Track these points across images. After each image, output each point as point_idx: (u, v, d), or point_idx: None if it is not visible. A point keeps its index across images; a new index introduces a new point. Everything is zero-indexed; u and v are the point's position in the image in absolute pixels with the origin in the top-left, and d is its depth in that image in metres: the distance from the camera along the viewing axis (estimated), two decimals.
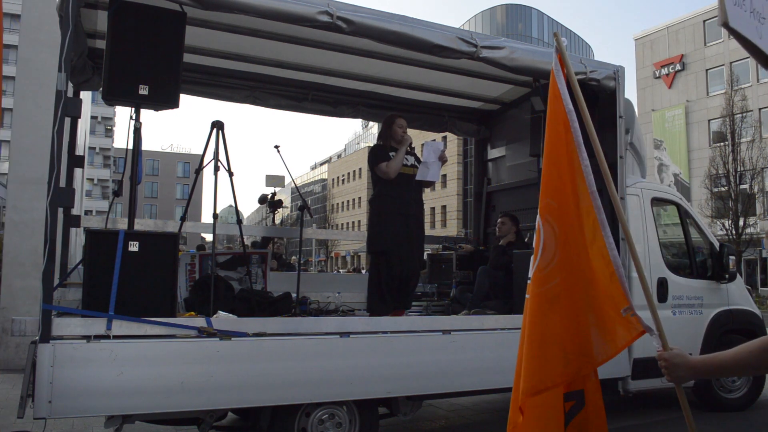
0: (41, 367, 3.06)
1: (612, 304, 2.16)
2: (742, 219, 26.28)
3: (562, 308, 2.23)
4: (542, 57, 4.68)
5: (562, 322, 2.23)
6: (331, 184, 74.65)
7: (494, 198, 7.08)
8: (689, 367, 1.83)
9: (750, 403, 5.95)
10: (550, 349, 2.21)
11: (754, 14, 1.90)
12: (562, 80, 2.31)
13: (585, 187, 2.23)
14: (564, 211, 2.26)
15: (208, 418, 3.70)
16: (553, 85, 2.33)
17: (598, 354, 2.23)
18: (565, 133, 2.28)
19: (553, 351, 2.21)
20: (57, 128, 3.23)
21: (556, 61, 2.33)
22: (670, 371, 1.86)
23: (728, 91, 29.42)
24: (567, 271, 2.24)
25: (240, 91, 5.75)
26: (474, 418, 5.78)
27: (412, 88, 6.19)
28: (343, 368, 3.81)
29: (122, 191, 4.41)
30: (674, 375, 1.85)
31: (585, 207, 2.23)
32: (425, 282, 6.47)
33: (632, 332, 2.14)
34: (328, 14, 3.77)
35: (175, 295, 3.67)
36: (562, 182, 2.28)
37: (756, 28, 1.89)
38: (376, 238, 4.88)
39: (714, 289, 5.84)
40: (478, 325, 4.44)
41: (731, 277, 5.94)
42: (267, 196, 4.59)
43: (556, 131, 2.30)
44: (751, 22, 1.89)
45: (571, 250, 2.24)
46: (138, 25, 3.76)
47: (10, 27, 25.26)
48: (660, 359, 1.90)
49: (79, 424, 5.13)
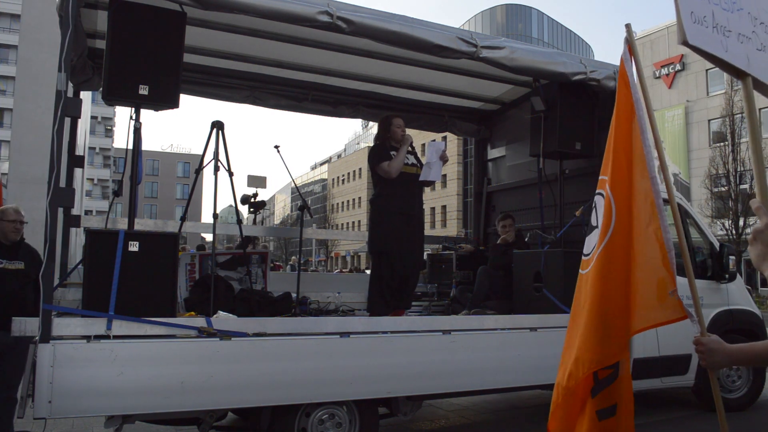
0: (41, 367, 3.06)
1: (662, 285, 2.28)
2: (742, 219, 26.27)
3: (615, 283, 2.34)
4: (542, 57, 4.68)
5: (615, 297, 2.34)
6: (331, 184, 74.65)
7: (494, 198, 7.08)
8: (726, 353, 1.86)
9: (750, 403, 5.95)
10: (612, 323, 2.33)
11: (718, 29, 1.94)
12: (632, 69, 2.43)
13: (646, 172, 2.34)
14: (620, 191, 2.38)
15: (208, 418, 3.70)
16: (622, 72, 2.45)
17: (635, 324, 2.34)
18: (631, 119, 2.40)
19: (616, 324, 2.33)
20: (57, 128, 3.23)
21: (626, 51, 2.45)
22: (707, 356, 1.89)
23: (728, 91, 29.37)
24: (621, 248, 2.35)
25: (240, 91, 5.75)
26: (474, 418, 5.78)
27: (412, 88, 6.19)
28: (343, 368, 3.81)
29: (122, 191, 4.42)
30: (710, 360, 1.89)
31: (643, 190, 2.35)
32: (425, 282, 6.47)
33: (675, 314, 2.26)
34: (328, 14, 3.77)
35: (175, 295, 3.67)
36: (621, 164, 2.40)
37: (721, 42, 1.93)
38: (378, 238, 4.88)
39: (714, 289, 5.84)
40: (478, 325, 4.44)
41: (731, 277, 5.94)
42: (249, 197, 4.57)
43: (624, 116, 2.42)
44: (715, 37, 1.93)
45: (624, 229, 2.36)
46: (138, 25, 3.76)
47: (10, 27, 25.29)
48: (697, 344, 1.93)
49: (79, 424, 5.14)
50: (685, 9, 1.93)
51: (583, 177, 5.56)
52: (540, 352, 4.37)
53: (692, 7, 1.94)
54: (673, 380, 5.42)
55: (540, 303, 4.90)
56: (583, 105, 5.23)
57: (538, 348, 4.41)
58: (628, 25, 2.48)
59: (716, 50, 1.93)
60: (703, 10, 1.97)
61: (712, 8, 1.99)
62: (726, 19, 1.99)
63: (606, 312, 2.32)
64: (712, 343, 1.88)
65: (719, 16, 1.98)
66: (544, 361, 4.34)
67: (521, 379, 4.53)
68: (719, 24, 1.96)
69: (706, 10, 1.97)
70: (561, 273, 4.79)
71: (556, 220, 5.56)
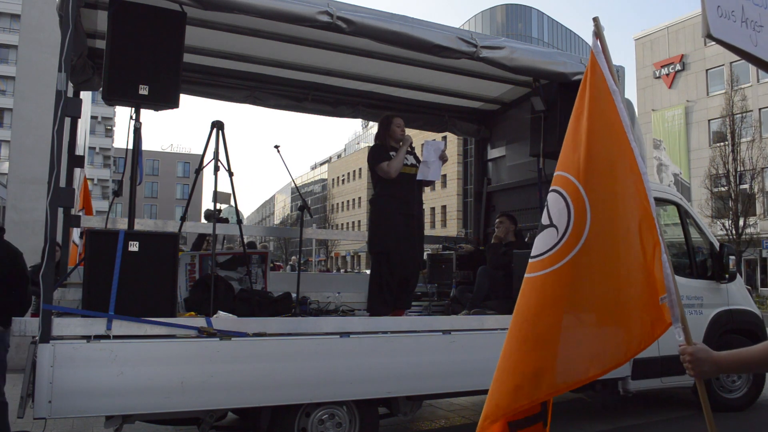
0: (41, 367, 3.06)
1: (653, 290, 2.08)
2: (742, 219, 26.27)
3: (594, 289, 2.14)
4: (542, 57, 4.69)
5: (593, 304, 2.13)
6: (331, 184, 74.64)
7: (494, 198, 7.07)
8: (713, 362, 1.80)
9: (750, 403, 5.95)
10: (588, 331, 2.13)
11: (748, 23, 1.93)
12: (603, 61, 2.27)
13: (636, 167, 2.16)
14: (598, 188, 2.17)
15: (208, 418, 3.70)
16: (593, 64, 2.28)
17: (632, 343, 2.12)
18: (611, 113, 2.22)
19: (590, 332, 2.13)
20: (57, 128, 3.23)
21: (596, 43, 2.30)
22: (694, 366, 1.81)
23: (728, 91, 29.42)
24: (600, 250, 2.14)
25: (240, 91, 5.75)
26: (474, 418, 5.78)
27: (412, 88, 6.18)
28: (343, 368, 3.81)
29: (122, 191, 4.41)
30: (698, 370, 1.81)
31: (633, 187, 2.15)
32: (425, 282, 6.47)
33: (662, 324, 2.08)
34: (328, 14, 3.77)
35: (175, 295, 3.67)
36: (598, 160, 2.20)
37: (750, 37, 1.92)
38: (378, 239, 4.88)
39: (714, 289, 5.84)
40: (478, 325, 4.44)
41: (731, 277, 5.94)
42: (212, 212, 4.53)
43: (600, 112, 2.23)
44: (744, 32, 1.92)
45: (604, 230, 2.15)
46: (138, 25, 3.76)
47: (10, 27, 25.32)
48: (683, 354, 1.85)
49: (79, 424, 5.14)
50: (710, 2, 1.90)
51: None
52: None
53: (719, 1, 1.92)
54: (673, 380, 5.42)
55: None
56: None
57: None
58: (595, 18, 2.34)
59: (744, 44, 1.91)
60: (732, 4, 1.95)
61: (743, 3, 1.97)
62: (758, 14, 1.98)
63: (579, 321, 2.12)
64: (699, 352, 1.82)
65: (750, 11, 1.97)
66: None
67: None
68: (750, 19, 1.96)
69: (735, 5, 1.95)
70: None
71: None
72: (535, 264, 2.17)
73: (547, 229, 2.19)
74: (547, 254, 2.15)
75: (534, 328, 2.13)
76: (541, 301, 2.13)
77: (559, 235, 2.16)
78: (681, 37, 37.35)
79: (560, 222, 2.17)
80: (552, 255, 2.14)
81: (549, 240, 2.17)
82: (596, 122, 2.23)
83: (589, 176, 2.18)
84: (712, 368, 1.81)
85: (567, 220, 2.16)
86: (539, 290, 2.14)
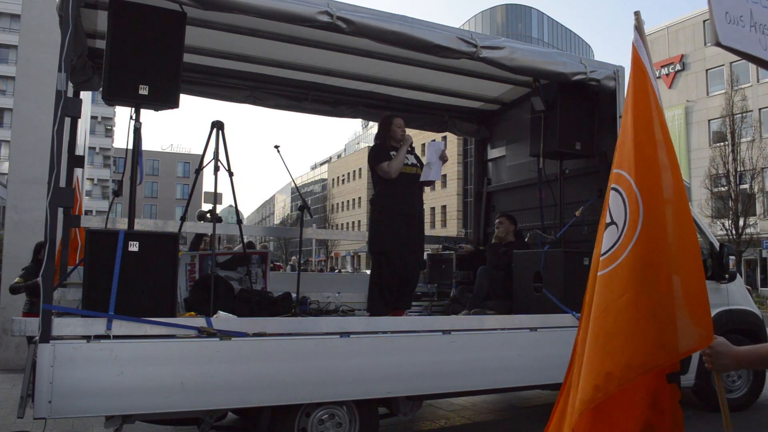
0: (41, 367, 3.06)
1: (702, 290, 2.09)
2: (742, 219, 26.30)
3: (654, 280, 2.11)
4: (542, 57, 4.69)
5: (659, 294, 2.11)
6: (331, 184, 74.65)
7: (494, 198, 7.08)
8: (733, 356, 1.83)
9: (750, 403, 5.95)
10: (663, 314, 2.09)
11: (756, 27, 1.92)
12: (644, 54, 2.26)
13: (675, 161, 2.18)
14: (648, 184, 2.16)
15: (208, 418, 3.70)
16: (636, 59, 2.28)
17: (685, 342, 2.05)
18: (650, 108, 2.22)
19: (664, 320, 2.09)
20: (57, 128, 3.23)
21: (637, 37, 2.29)
22: (714, 359, 1.84)
23: (728, 91, 29.43)
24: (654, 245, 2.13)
25: (240, 91, 5.75)
26: (474, 418, 5.78)
27: (412, 88, 6.19)
28: (343, 368, 3.81)
29: (122, 191, 4.42)
30: (718, 363, 1.84)
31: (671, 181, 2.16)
32: (425, 282, 6.47)
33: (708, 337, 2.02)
34: (328, 14, 3.77)
35: (175, 295, 3.67)
36: (645, 156, 2.19)
37: (759, 41, 1.91)
38: (378, 239, 4.88)
39: (714, 289, 5.83)
40: (478, 325, 4.43)
41: (731, 277, 5.93)
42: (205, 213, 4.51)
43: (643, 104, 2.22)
44: (753, 36, 1.91)
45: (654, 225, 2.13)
46: (138, 25, 3.76)
47: (10, 27, 25.32)
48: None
49: (79, 424, 5.14)
50: (718, 10, 1.90)
51: (583, 177, 5.56)
52: (540, 352, 4.37)
53: (727, 8, 1.92)
54: None
55: (540, 303, 4.90)
56: (583, 105, 5.23)
57: (538, 348, 4.41)
58: (636, 12, 2.32)
59: (754, 49, 1.91)
60: (740, 9, 1.94)
61: (750, 7, 1.97)
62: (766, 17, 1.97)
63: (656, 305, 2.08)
64: (720, 345, 1.84)
65: (759, 14, 1.96)
66: (543, 361, 4.34)
67: (521, 379, 4.53)
68: (758, 22, 1.95)
69: (743, 10, 1.95)
70: (561, 273, 4.79)
71: (556, 220, 5.56)
72: (604, 261, 2.20)
73: (609, 227, 2.22)
74: (610, 251, 2.17)
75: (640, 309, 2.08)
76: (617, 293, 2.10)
77: (618, 231, 2.18)
78: (681, 37, 37.37)
79: (618, 218, 2.21)
80: (615, 251, 2.16)
81: (612, 237, 2.20)
82: (639, 116, 2.24)
83: (639, 171, 2.18)
84: (732, 362, 1.85)
85: (624, 217, 2.19)
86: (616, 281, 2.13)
